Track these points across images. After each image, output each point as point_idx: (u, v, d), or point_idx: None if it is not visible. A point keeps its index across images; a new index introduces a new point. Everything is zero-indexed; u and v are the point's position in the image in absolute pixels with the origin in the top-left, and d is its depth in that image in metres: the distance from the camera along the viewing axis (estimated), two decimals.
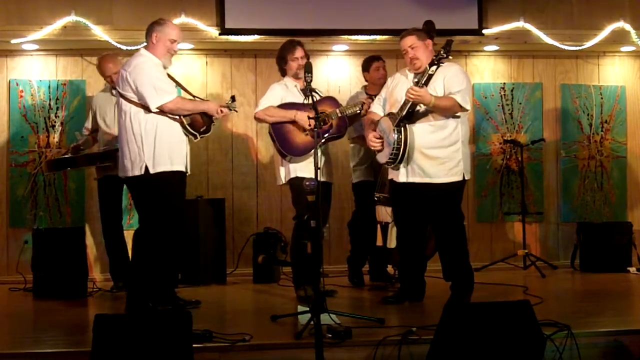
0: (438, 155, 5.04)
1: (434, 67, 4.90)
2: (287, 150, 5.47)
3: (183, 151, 5.05)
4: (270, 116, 5.50)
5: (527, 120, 7.42)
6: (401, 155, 5.01)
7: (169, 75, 5.15)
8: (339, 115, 5.47)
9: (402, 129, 4.99)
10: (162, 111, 4.90)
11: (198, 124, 5.07)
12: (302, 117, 5.36)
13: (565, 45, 6.99)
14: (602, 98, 7.53)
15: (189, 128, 5.02)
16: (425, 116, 5.03)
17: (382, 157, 5.20)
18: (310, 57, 6.54)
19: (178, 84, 5.27)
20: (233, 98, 5.31)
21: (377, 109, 5.34)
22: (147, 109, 4.88)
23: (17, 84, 6.82)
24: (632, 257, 6.97)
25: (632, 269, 6.86)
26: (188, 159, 5.12)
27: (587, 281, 6.56)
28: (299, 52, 5.56)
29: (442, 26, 5.99)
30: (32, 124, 6.82)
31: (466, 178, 5.16)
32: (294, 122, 5.42)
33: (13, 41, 6.45)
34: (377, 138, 5.16)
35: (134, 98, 4.89)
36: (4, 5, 6.41)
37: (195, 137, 5.11)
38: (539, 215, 7.34)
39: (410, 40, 5.12)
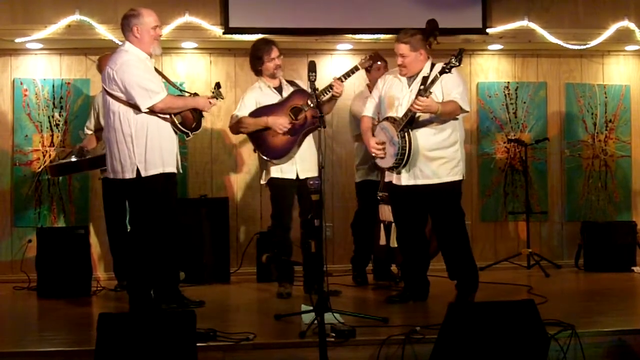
0: (441, 155, 5.07)
1: (443, 75, 4.89)
2: (268, 154, 5.56)
3: (174, 151, 4.97)
4: (244, 127, 5.59)
5: (531, 120, 7.41)
6: (406, 160, 5.02)
7: (156, 70, 5.06)
8: (311, 105, 5.45)
9: (406, 134, 4.99)
10: (152, 111, 4.81)
11: (189, 121, 5.00)
12: (274, 121, 5.45)
13: (570, 44, 6.98)
14: (606, 97, 7.51)
15: (180, 127, 4.94)
16: (427, 120, 5.05)
17: (384, 162, 5.19)
18: (314, 56, 6.60)
19: (165, 79, 5.16)
20: (218, 85, 5.25)
21: (369, 111, 5.34)
22: (136, 109, 4.77)
23: (21, 83, 6.83)
24: (636, 257, 6.96)
25: (637, 269, 6.85)
26: (178, 159, 5.05)
27: (591, 281, 6.55)
28: (274, 52, 5.59)
29: (446, 25, 6.00)
30: (36, 122, 6.83)
31: (464, 177, 5.24)
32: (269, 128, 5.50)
33: (17, 40, 6.46)
34: (379, 144, 5.15)
35: (123, 97, 4.79)
36: (9, 4, 6.42)
37: (188, 135, 5.06)
38: (543, 214, 7.34)
39: (401, 49, 5.12)
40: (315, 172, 5.29)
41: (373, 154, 5.26)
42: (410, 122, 5.00)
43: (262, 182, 5.74)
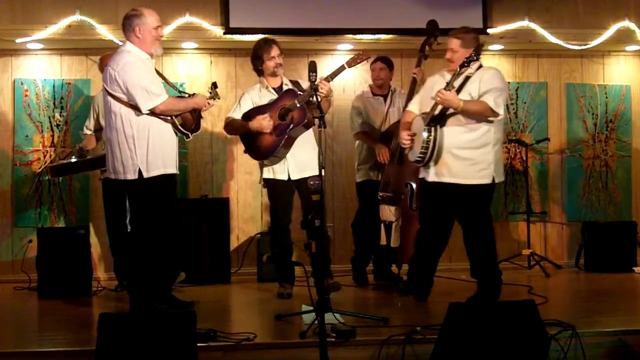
0: (468, 156, 5.05)
1: (463, 70, 4.97)
2: (253, 155, 5.60)
3: (174, 152, 4.98)
4: (234, 130, 5.65)
5: (532, 120, 7.41)
6: (429, 154, 5.04)
7: (155, 70, 5.06)
8: (298, 105, 5.41)
9: (433, 128, 5.02)
10: (153, 113, 4.80)
11: (189, 122, 5.00)
12: (255, 124, 5.45)
13: (570, 44, 6.98)
14: (607, 97, 7.51)
15: (181, 128, 4.94)
16: (456, 117, 5.05)
17: (412, 155, 5.23)
18: (315, 57, 6.59)
19: (164, 80, 5.15)
20: (215, 85, 5.24)
21: (413, 108, 5.37)
22: (138, 110, 4.77)
23: (21, 83, 6.83)
24: (637, 257, 6.95)
25: (637, 269, 6.85)
26: (177, 160, 5.05)
27: (591, 281, 6.55)
28: (274, 51, 5.57)
29: (446, 25, 6.01)
30: (36, 123, 6.83)
31: (497, 181, 5.15)
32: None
33: (18, 40, 6.46)
34: (409, 136, 5.18)
35: (124, 98, 4.78)
36: (9, 4, 6.42)
37: (188, 136, 5.06)
38: (544, 214, 7.34)
39: (453, 44, 5.17)
40: (310, 173, 5.29)
41: (402, 145, 5.29)
42: (439, 117, 5.03)
43: (260, 182, 5.75)
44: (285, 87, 5.64)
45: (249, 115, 5.55)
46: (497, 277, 5.24)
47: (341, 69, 5.43)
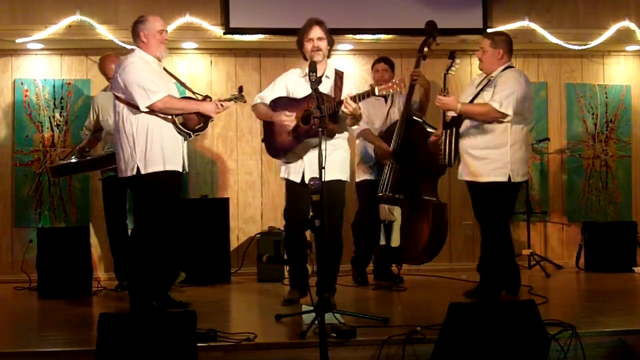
0: (484, 155, 5.15)
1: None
2: (267, 148, 5.41)
3: (178, 150, 4.98)
4: (259, 113, 5.39)
5: (532, 120, 7.39)
6: (447, 154, 5.20)
7: (166, 71, 5.13)
8: (316, 115, 5.02)
9: (449, 130, 5.17)
10: (152, 111, 4.85)
11: (192, 122, 5.00)
12: (278, 118, 5.17)
13: (570, 44, 6.98)
14: (607, 97, 7.51)
15: (180, 127, 4.95)
16: (472, 120, 5.17)
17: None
18: None
19: (177, 80, 5.22)
20: (241, 89, 5.20)
21: None
22: (138, 109, 4.84)
23: (22, 83, 6.83)
24: (637, 257, 6.95)
25: (637, 269, 6.84)
26: (185, 158, 5.05)
27: (592, 281, 6.55)
28: (314, 32, 5.20)
29: (446, 25, 6.02)
30: (36, 123, 6.83)
31: (514, 180, 5.17)
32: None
33: (18, 40, 6.46)
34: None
35: (124, 97, 4.88)
36: (9, 4, 6.42)
37: (190, 135, 5.04)
38: (544, 214, 7.34)
39: (483, 43, 5.30)
40: (325, 177, 5.18)
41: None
42: (457, 119, 5.14)
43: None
44: (325, 80, 5.21)
45: (277, 104, 5.24)
46: (499, 278, 5.23)
47: (371, 92, 4.90)
